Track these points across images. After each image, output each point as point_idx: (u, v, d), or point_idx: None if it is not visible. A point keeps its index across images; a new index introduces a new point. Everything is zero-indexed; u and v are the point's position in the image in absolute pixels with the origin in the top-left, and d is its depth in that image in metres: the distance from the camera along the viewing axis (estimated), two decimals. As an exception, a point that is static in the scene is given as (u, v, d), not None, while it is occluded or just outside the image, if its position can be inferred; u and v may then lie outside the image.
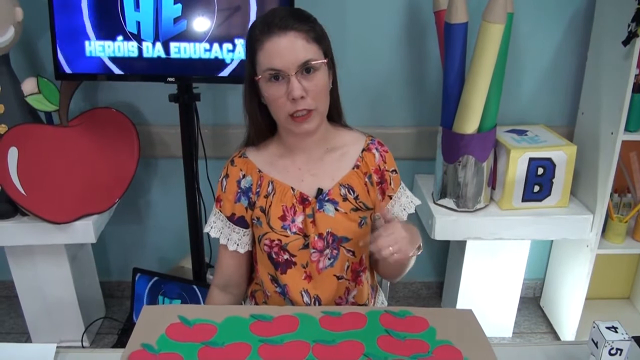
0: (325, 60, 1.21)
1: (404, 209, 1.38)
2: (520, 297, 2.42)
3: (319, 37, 1.20)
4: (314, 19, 1.22)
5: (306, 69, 1.17)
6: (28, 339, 2.35)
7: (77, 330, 2.30)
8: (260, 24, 1.19)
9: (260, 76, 1.19)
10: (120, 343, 2.25)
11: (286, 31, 1.16)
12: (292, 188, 1.29)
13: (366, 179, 1.32)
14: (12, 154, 1.93)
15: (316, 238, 1.28)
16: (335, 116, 1.34)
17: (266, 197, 1.29)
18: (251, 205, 1.31)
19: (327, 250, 1.30)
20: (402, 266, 1.32)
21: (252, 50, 1.20)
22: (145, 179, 2.43)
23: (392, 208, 1.37)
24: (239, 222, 1.33)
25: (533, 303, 2.66)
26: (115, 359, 1.10)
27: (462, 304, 2.35)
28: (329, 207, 1.29)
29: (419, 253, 1.25)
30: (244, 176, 1.32)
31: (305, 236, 1.28)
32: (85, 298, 2.33)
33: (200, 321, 1.19)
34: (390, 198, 1.36)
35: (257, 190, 1.30)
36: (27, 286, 2.22)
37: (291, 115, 1.19)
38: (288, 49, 1.16)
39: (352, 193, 1.30)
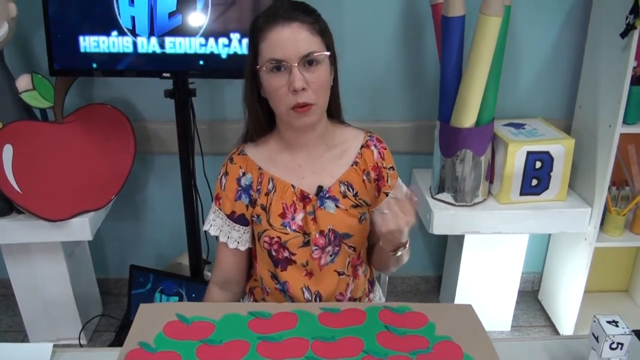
0: (328, 54, 1.20)
1: None
2: (519, 291, 2.42)
3: (323, 31, 1.20)
4: (319, 14, 1.22)
5: (308, 61, 1.16)
6: (25, 338, 2.34)
7: (74, 328, 2.29)
8: (265, 14, 1.19)
9: (261, 66, 1.18)
10: (118, 340, 2.24)
11: (290, 22, 1.15)
12: (292, 185, 1.28)
13: (364, 176, 1.32)
14: (7, 152, 1.92)
15: (317, 235, 1.28)
16: (334, 113, 1.33)
17: (267, 194, 1.28)
18: (252, 203, 1.30)
19: (329, 247, 1.29)
20: (397, 258, 1.29)
21: (255, 40, 1.19)
22: (141, 176, 2.41)
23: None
24: (239, 220, 1.32)
25: (531, 297, 2.66)
26: (112, 357, 1.09)
27: (460, 298, 2.35)
28: (329, 204, 1.28)
29: (407, 248, 1.27)
30: (243, 174, 1.30)
31: (305, 234, 1.28)
32: (82, 295, 2.32)
33: (198, 319, 1.18)
34: (386, 195, 1.36)
35: (258, 187, 1.29)
36: (24, 284, 2.21)
37: (292, 108, 1.18)
38: (291, 39, 1.15)
39: (351, 190, 1.30)
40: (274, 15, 1.16)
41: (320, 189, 1.28)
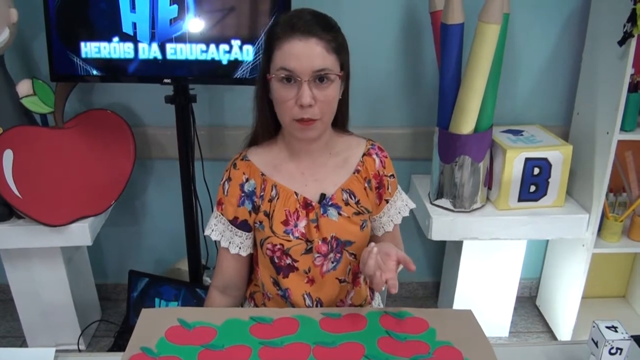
0: (341, 74, 1.20)
1: (399, 212, 1.40)
2: (517, 297, 2.43)
3: (339, 48, 1.19)
4: (338, 29, 1.21)
5: (319, 77, 1.16)
6: (24, 343, 2.34)
7: (73, 333, 2.29)
8: (284, 23, 1.17)
9: (272, 75, 1.18)
10: (117, 346, 2.24)
11: (308, 36, 1.14)
12: (295, 193, 1.29)
13: (365, 184, 1.33)
14: (7, 157, 1.92)
15: (320, 242, 1.28)
16: (340, 123, 1.33)
17: (270, 201, 1.29)
18: (255, 209, 1.30)
19: (331, 255, 1.30)
20: None
21: (270, 46, 1.19)
22: (141, 181, 2.42)
23: (388, 211, 1.38)
24: (242, 225, 1.32)
25: (529, 302, 2.67)
26: (114, 362, 1.09)
27: (458, 303, 2.35)
28: (332, 211, 1.29)
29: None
30: (247, 180, 1.30)
31: (308, 241, 1.28)
32: (81, 301, 2.32)
33: (199, 324, 1.18)
34: (387, 202, 1.37)
35: (261, 194, 1.30)
36: (23, 289, 2.21)
37: (296, 120, 1.18)
38: (306, 54, 1.14)
39: (353, 198, 1.31)
40: (293, 26, 1.15)
41: (323, 196, 1.29)
